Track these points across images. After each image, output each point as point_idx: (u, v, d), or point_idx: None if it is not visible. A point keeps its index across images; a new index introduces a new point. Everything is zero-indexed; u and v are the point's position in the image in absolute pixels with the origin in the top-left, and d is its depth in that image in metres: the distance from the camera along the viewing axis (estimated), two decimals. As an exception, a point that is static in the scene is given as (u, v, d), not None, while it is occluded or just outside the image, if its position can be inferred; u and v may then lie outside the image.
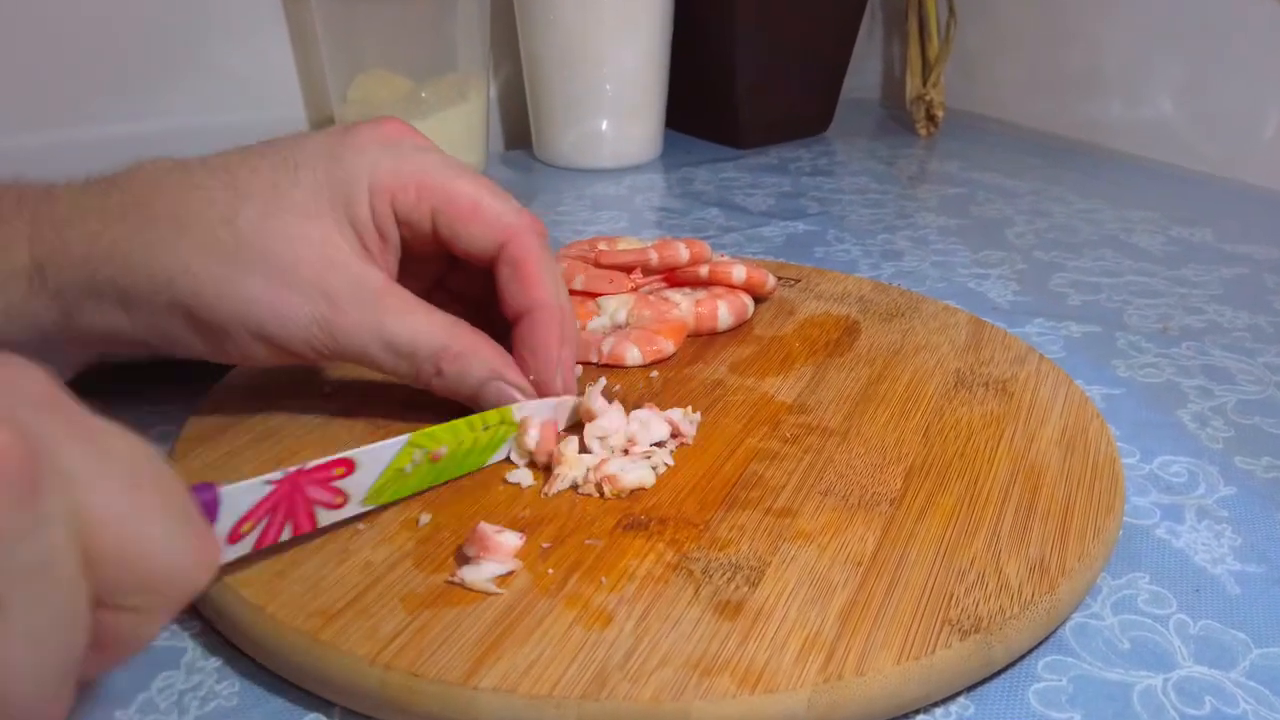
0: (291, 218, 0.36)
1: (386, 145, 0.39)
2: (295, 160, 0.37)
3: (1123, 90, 0.94)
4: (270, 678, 0.32)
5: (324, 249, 0.36)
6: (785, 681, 0.30)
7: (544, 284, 0.40)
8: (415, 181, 0.38)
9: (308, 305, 0.36)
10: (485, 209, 0.39)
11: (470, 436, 0.38)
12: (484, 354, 0.39)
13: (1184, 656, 0.34)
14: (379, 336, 0.37)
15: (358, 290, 0.37)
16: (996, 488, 0.39)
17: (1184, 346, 0.56)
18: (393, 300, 0.37)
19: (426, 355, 0.38)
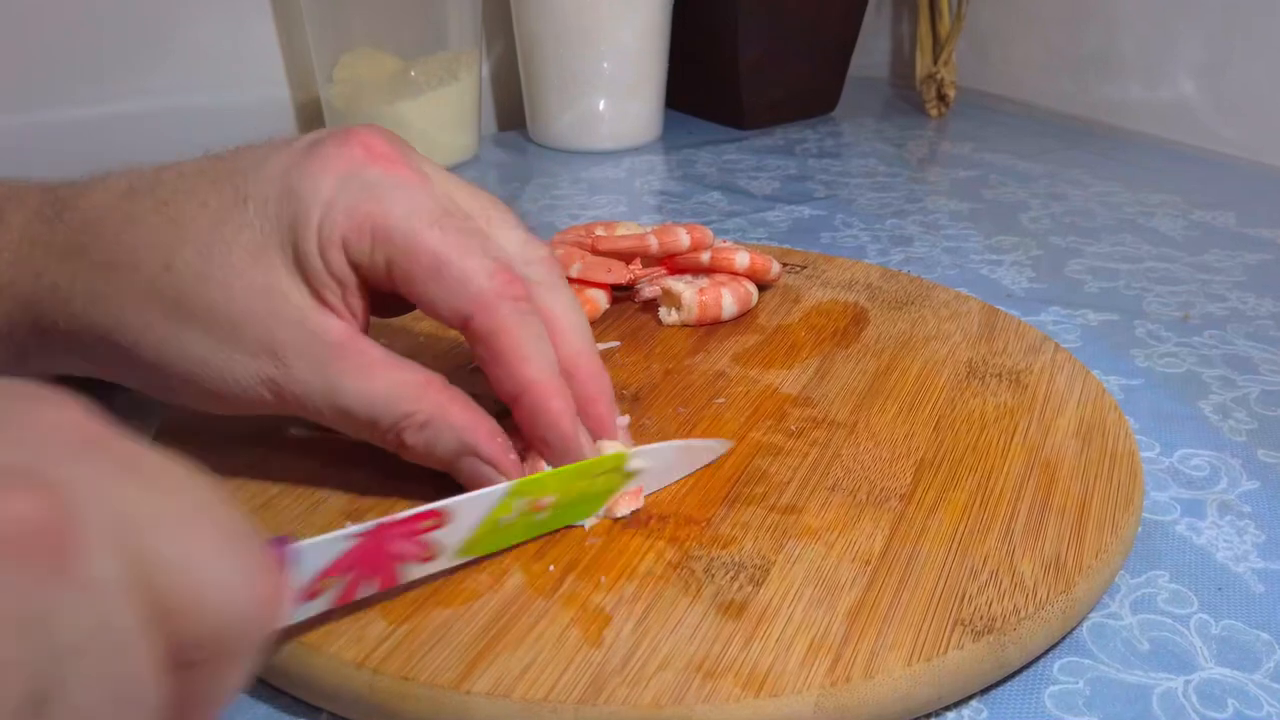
0: (235, 263, 0.33)
1: (347, 177, 0.34)
2: (245, 192, 0.33)
3: (1142, 69, 0.93)
4: (255, 682, 0.32)
5: (270, 300, 0.33)
6: (791, 684, 0.30)
7: (527, 361, 0.34)
8: (371, 226, 0.33)
9: (253, 364, 0.33)
10: (449, 271, 0.33)
11: (580, 484, 0.35)
12: (454, 421, 0.34)
13: (1205, 658, 0.34)
14: (331, 403, 0.33)
15: (308, 346, 0.33)
16: (1010, 482, 0.39)
17: (1205, 335, 0.56)
18: (350, 357, 0.33)
19: (388, 424, 0.34)
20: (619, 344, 0.50)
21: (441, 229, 0.34)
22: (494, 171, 0.86)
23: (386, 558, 0.31)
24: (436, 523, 0.32)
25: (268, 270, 0.33)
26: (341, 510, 0.37)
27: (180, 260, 0.33)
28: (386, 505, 0.37)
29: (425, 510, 0.31)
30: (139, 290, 0.33)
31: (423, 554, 0.32)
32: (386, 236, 0.33)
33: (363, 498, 0.38)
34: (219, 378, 0.33)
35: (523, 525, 0.34)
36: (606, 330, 0.51)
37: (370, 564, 0.30)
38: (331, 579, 0.30)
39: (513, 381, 0.35)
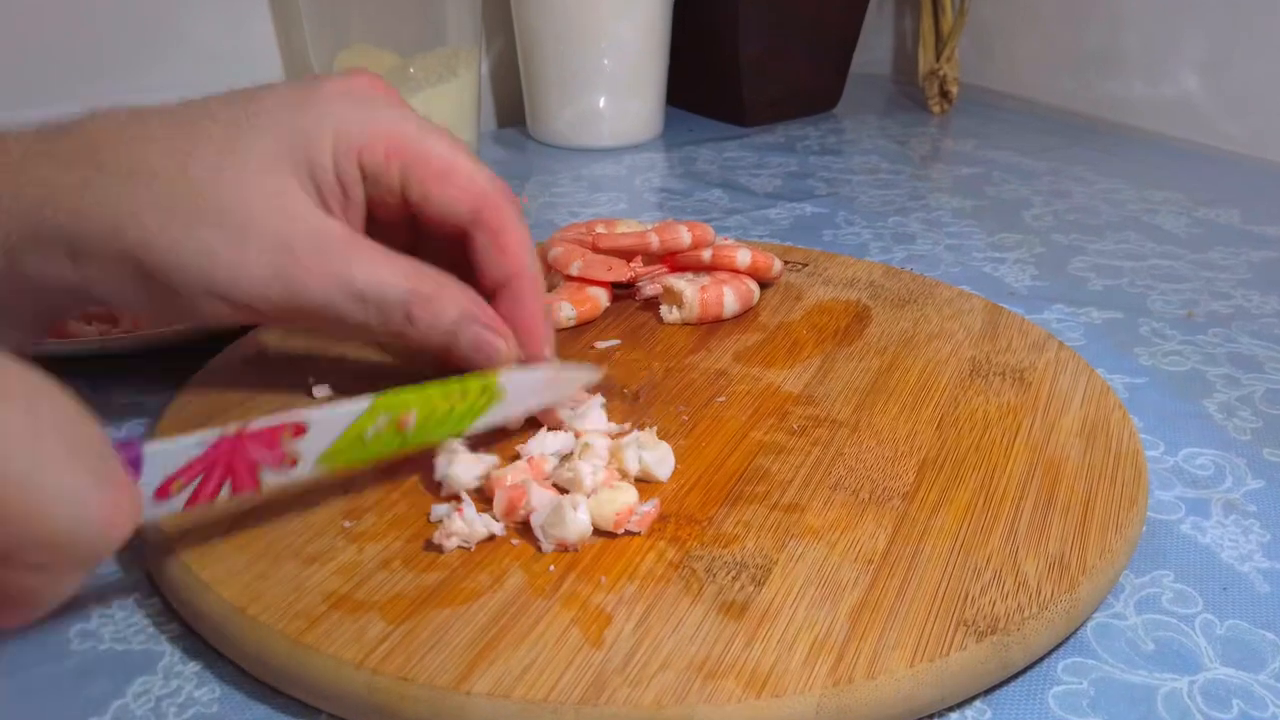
0: (249, 167, 0.35)
1: (356, 99, 0.38)
2: (255, 108, 0.36)
3: (1145, 65, 0.93)
4: (252, 683, 0.32)
5: (282, 200, 0.36)
6: (793, 685, 0.30)
7: (522, 254, 0.40)
8: (385, 138, 0.37)
9: (265, 256, 0.35)
10: (460, 171, 0.38)
11: (445, 404, 0.37)
12: (455, 295, 0.38)
13: (1210, 658, 0.34)
14: (343, 285, 0.36)
15: (318, 240, 0.36)
16: (1014, 482, 0.39)
17: (1210, 333, 0.56)
18: (356, 247, 0.37)
19: (396, 301, 0.37)
20: (619, 342, 0.50)
21: (446, 140, 0.39)
22: (493, 169, 0.85)
23: (246, 463, 0.32)
24: (296, 433, 0.33)
25: (280, 176, 0.36)
26: (340, 510, 0.37)
27: (196, 164, 0.35)
28: (383, 507, 0.37)
29: (284, 422, 0.33)
30: (154, 192, 0.34)
31: (282, 461, 0.33)
32: (400, 146, 0.37)
33: (360, 498, 0.38)
34: (230, 274, 0.35)
35: (390, 439, 0.36)
36: (607, 328, 0.51)
37: (226, 467, 0.32)
38: (183, 480, 0.31)
39: (508, 268, 0.39)
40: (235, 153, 0.35)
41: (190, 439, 0.31)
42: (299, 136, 0.36)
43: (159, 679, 0.32)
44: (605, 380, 0.42)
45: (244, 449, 0.32)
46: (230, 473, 0.32)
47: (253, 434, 0.32)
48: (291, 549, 0.35)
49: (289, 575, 0.34)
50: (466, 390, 0.38)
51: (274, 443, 0.33)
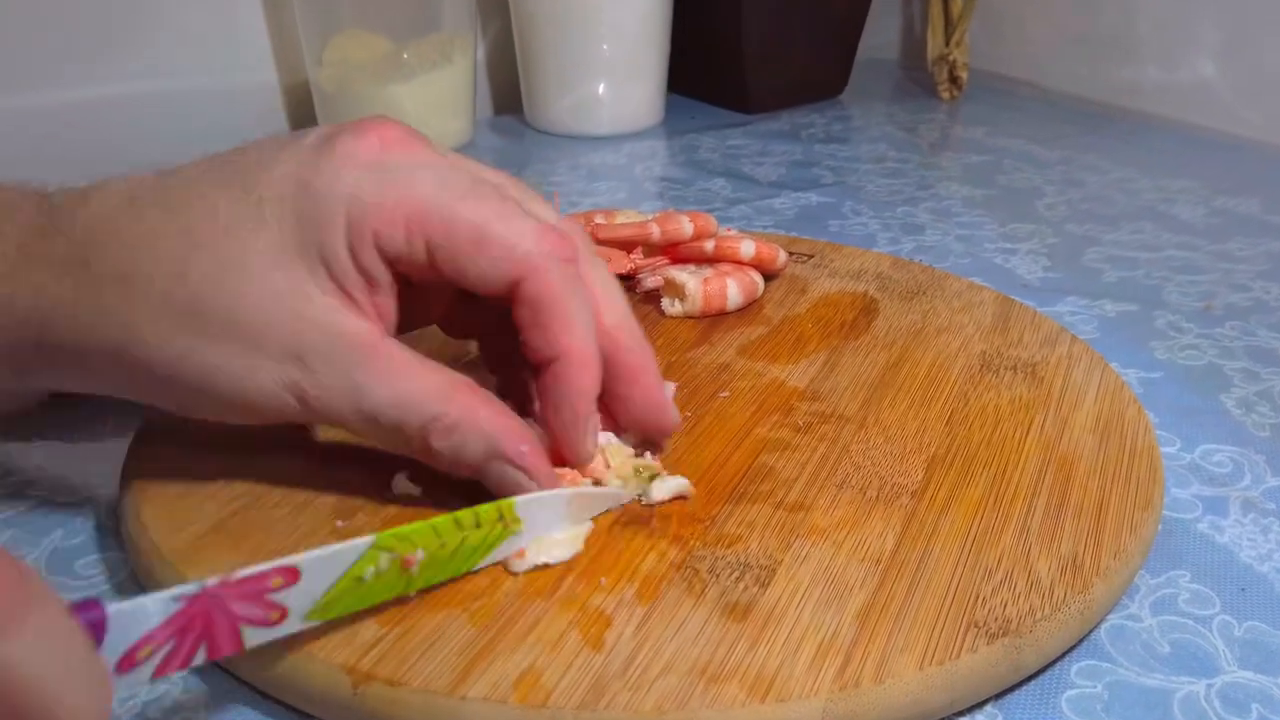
0: (254, 269, 0.32)
1: (368, 168, 0.33)
2: (258, 194, 0.33)
3: (1160, 50, 0.93)
4: (240, 687, 0.32)
5: (293, 302, 0.33)
6: (798, 689, 0.29)
7: (571, 328, 0.35)
8: (404, 214, 0.33)
9: (277, 370, 0.33)
10: (493, 239, 0.34)
11: (456, 537, 0.33)
12: (483, 425, 0.34)
13: (1229, 661, 0.34)
14: (356, 407, 0.33)
15: (333, 348, 0.33)
16: (1026, 479, 0.39)
17: (1228, 326, 0.56)
18: (377, 359, 0.33)
19: (415, 427, 0.34)
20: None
21: (476, 198, 0.34)
22: (489, 157, 0.86)
23: (227, 619, 0.28)
24: (285, 581, 0.29)
25: (289, 273, 0.33)
26: (331, 510, 0.37)
27: (195, 269, 0.32)
28: (375, 506, 0.37)
29: (273, 568, 0.29)
30: (152, 302, 0.32)
31: (268, 617, 0.29)
32: (422, 219, 0.33)
33: (352, 498, 0.38)
34: (241, 387, 0.33)
35: (394, 581, 0.32)
36: (606, 322, 0.51)
37: (204, 627, 0.28)
38: (152, 646, 0.27)
39: (552, 347, 0.35)
40: (237, 253, 0.33)
41: (162, 595, 0.27)
42: (308, 226, 0.33)
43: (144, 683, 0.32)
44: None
45: (223, 605, 0.28)
46: (207, 634, 0.28)
47: (234, 585, 0.28)
48: (281, 549, 0.35)
49: (279, 576, 0.34)
50: (480, 519, 0.33)
51: (260, 595, 0.29)
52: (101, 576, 0.37)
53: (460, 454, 0.34)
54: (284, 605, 0.29)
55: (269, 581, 0.29)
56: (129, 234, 0.33)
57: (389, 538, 0.31)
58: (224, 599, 0.28)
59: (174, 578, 0.34)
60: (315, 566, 0.29)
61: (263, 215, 0.33)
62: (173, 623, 0.27)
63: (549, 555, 0.34)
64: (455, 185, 0.34)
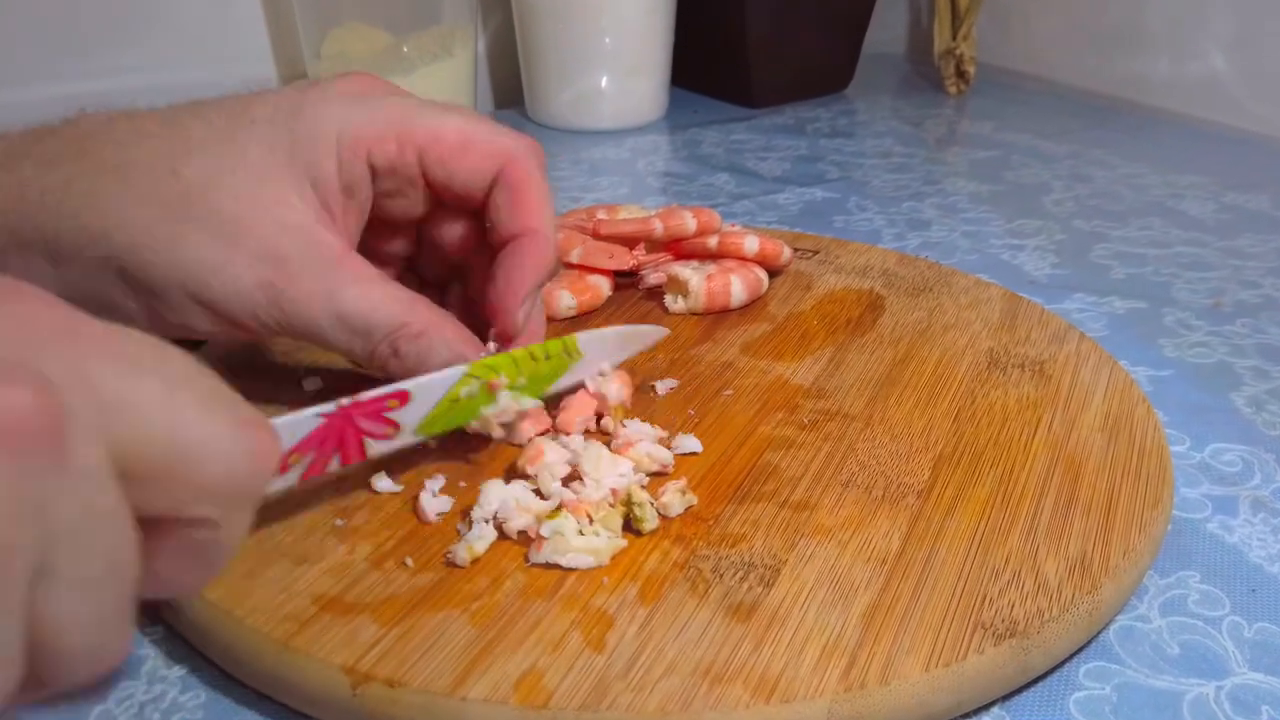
0: (244, 174, 0.36)
1: (354, 97, 0.38)
2: (252, 114, 0.37)
3: (1170, 43, 0.93)
4: (239, 688, 0.32)
5: (277, 210, 0.36)
6: (803, 690, 0.29)
7: (539, 211, 0.39)
8: (395, 129, 0.38)
9: (255, 268, 0.35)
10: (477, 139, 0.39)
11: (530, 367, 0.39)
12: (448, 334, 0.38)
13: (1238, 662, 0.34)
14: (331, 308, 0.36)
15: (311, 255, 0.36)
16: (1033, 479, 0.39)
17: (1238, 324, 0.55)
18: (349, 268, 0.37)
19: (383, 333, 0.37)
20: (622, 333, 0.50)
21: (459, 115, 0.39)
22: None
23: (354, 433, 0.34)
24: (399, 402, 0.35)
25: (276, 183, 0.36)
26: (330, 508, 0.37)
27: (188, 167, 0.35)
28: (375, 504, 0.37)
29: (390, 391, 0.34)
30: (143, 192, 0.35)
31: (386, 431, 0.35)
32: (410, 133, 0.38)
33: (349, 495, 0.38)
34: (217, 282, 0.35)
35: (481, 402, 0.37)
36: (609, 318, 0.51)
37: (338, 439, 0.34)
38: (298, 455, 0.32)
39: (521, 222, 0.39)
40: (231, 157, 0.35)
41: (306, 413, 0.32)
42: (299, 142, 0.36)
43: (142, 684, 0.32)
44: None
45: (352, 421, 0.34)
46: (340, 445, 0.34)
47: (360, 406, 0.34)
48: (280, 548, 0.35)
49: (277, 576, 0.34)
50: (549, 351, 0.39)
51: (379, 413, 0.35)
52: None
53: (425, 360, 0.37)
54: (398, 421, 0.35)
55: (386, 403, 0.35)
56: (127, 132, 0.36)
57: (478, 367, 0.37)
58: (353, 416, 0.34)
59: None
60: (422, 389, 0.35)
61: (254, 132, 0.36)
62: (314, 436, 0.33)
63: (567, 559, 0.34)
64: (435, 105, 0.39)
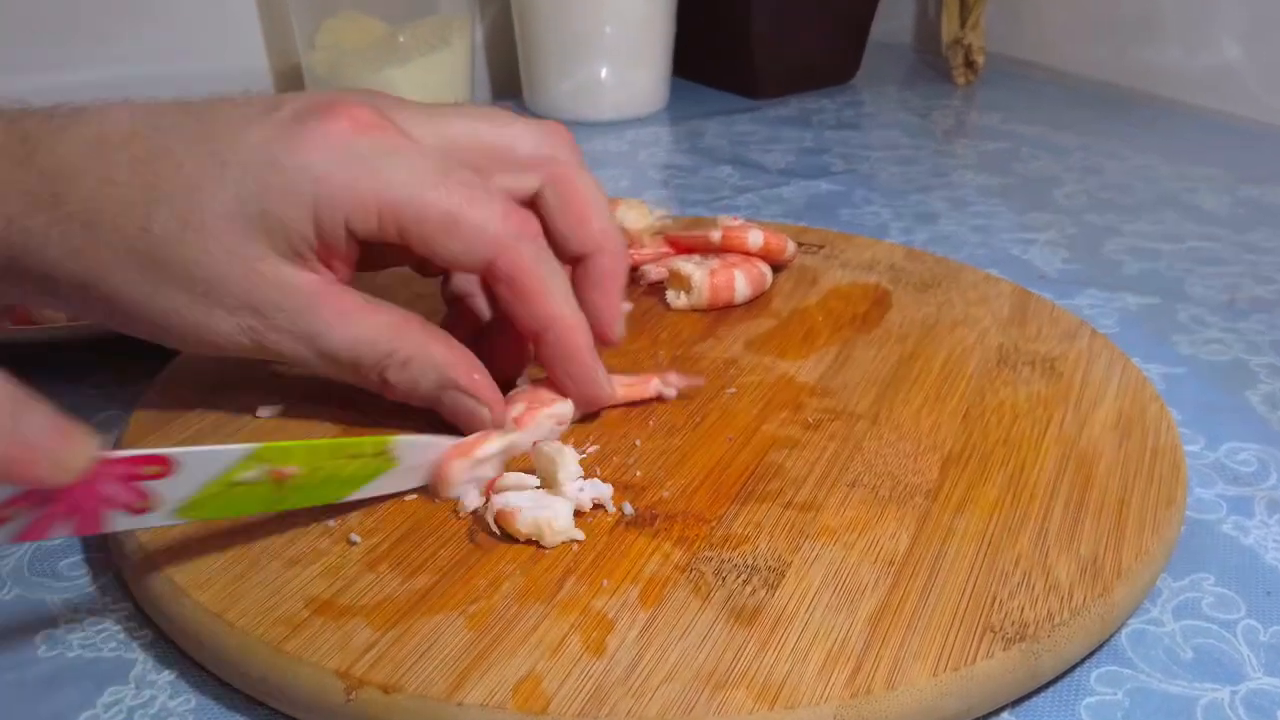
0: (211, 227, 0.35)
1: (336, 150, 0.36)
2: (224, 156, 0.35)
3: (1183, 32, 0.93)
4: (230, 693, 0.32)
5: (246, 262, 0.36)
6: (808, 696, 0.29)
7: (550, 297, 0.38)
8: (377, 203, 0.36)
9: (233, 319, 0.36)
10: (462, 225, 0.37)
11: (333, 463, 0.35)
12: (436, 359, 0.38)
13: (1254, 667, 0.33)
14: (314, 348, 0.37)
15: (287, 300, 0.36)
16: (1044, 479, 0.39)
17: (1253, 320, 0.55)
18: (329, 305, 0.37)
19: (370, 364, 0.37)
20: (622, 329, 0.49)
21: (446, 188, 0.37)
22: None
23: (94, 498, 0.30)
24: (161, 470, 0.31)
25: (247, 241, 0.35)
26: (323, 508, 0.37)
27: (157, 222, 0.35)
28: (370, 506, 0.37)
29: (150, 454, 0.30)
30: (117, 249, 0.35)
31: (137, 503, 0.31)
32: (394, 210, 0.36)
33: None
34: (200, 329, 0.36)
35: (265, 494, 0.33)
36: (609, 314, 0.51)
37: (71, 502, 0.29)
38: (19, 509, 0.28)
39: (538, 318, 0.38)
40: (197, 211, 0.35)
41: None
42: (273, 198, 0.35)
43: (130, 689, 0.32)
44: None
45: (94, 482, 0.29)
46: (74, 508, 0.29)
47: (107, 464, 0.29)
48: (272, 550, 0.35)
49: (269, 578, 0.34)
50: (360, 450, 0.36)
51: (130, 478, 0.30)
52: (86, 578, 0.37)
53: (415, 386, 0.38)
54: (154, 494, 0.31)
55: (142, 468, 0.30)
56: (97, 181, 0.35)
57: (269, 450, 0.33)
58: (95, 476, 0.29)
59: (163, 583, 0.34)
60: (192, 462, 0.31)
61: (224, 180, 0.35)
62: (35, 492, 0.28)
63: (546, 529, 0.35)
64: (425, 173, 0.37)
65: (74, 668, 0.33)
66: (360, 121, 0.36)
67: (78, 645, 0.34)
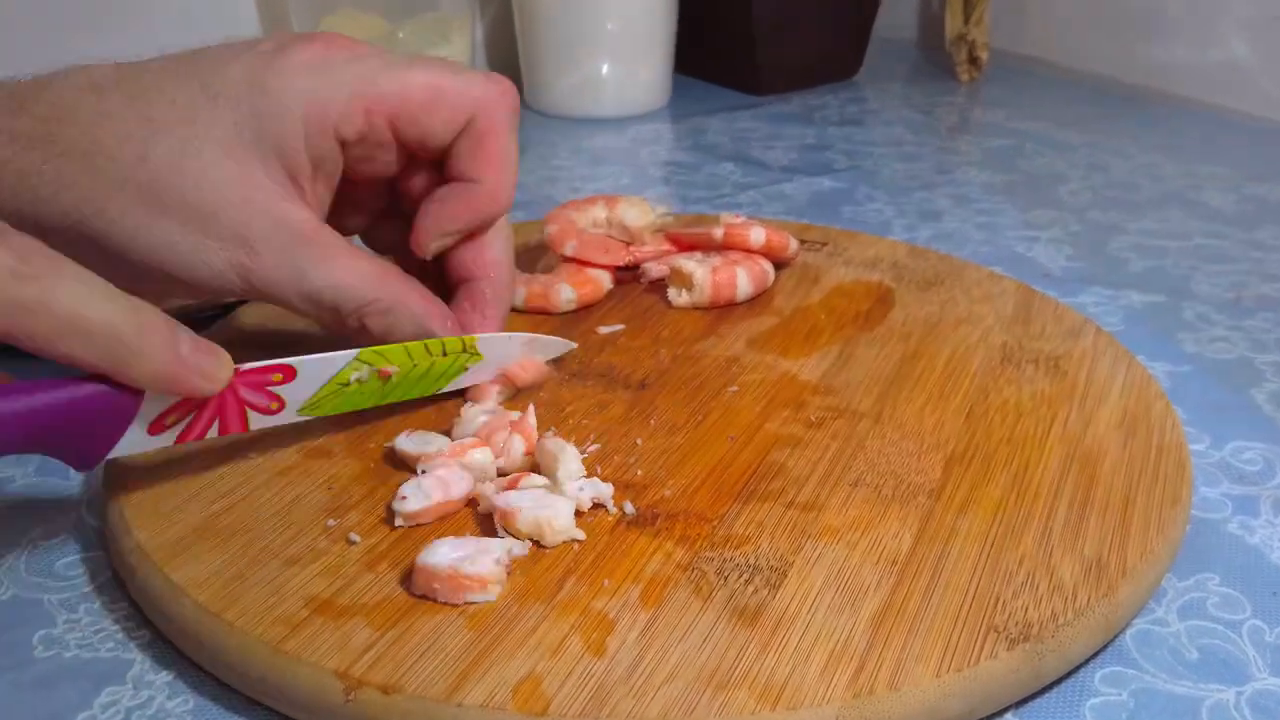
0: (209, 155, 0.37)
1: (317, 67, 0.38)
2: (214, 89, 0.37)
3: (1190, 28, 0.93)
4: (228, 694, 0.32)
5: (243, 189, 0.37)
6: (810, 697, 0.29)
7: (503, 160, 0.41)
8: (361, 100, 0.38)
9: (224, 251, 0.37)
10: (446, 91, 0.39)
11: (426, 361, 0.40)
12: (414, 307, 0.40)
13: (1259, 667, 0.33)
14: (299, 288, 0.38)
15: (278, 234, 0.37)
16: (1048, 478, 0.39)
17: (1259, 318, 0.55)
18: (317, 246, 0.38)
19: (350, 308, 0.39)
20: (623, 327, 0.49)
21: (423, 65, 0.40)
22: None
23: (236, 402, 0.36)
24: (284, 377, 0.36)
25: (241, 161, 0.37)
26: (321, 508, 0.37)
27: (155, 152, 0.36)
28: (369, 505, 0.37)
29: (274, 364, 0.36)
30: (113, 179, 0.36)
31: (269, 405, 0.37)
32: (378, 99, 0.38)
33: (343, 493, 0.38)
34: (190, 263, 0.37)
35: (372, 390, 0.39)
36: (610, 312, 0.51)
37: (217, 406, 0.35)
38: (177, 416, 0.34)
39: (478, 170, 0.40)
40: (194, 140, 0.37)
41: None
42: (264, 120, 0.37)
43: (128, 689, 0.32)
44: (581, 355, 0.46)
45: (234, 389, 0.35)
46: (220, 412, 0.35)
47: (243, 375, 0.35)
48: (271, 549, 0.35)
49: (268, 578, 0.34)
50: (447, 348, 0.41)
51: (263, 385, 0.36)
52: (83, 577, 0.37)
53: (392, 332, 0.40)
54: (282, 397, 0.37)
55: (270, 375, 0.36)
56: (92, 113, 0.36)
57: (369, 353, 0.38)
58: (235, 384, 0.35)
59: (159, 578, 0.34)
60: (308, 368, 0.37)
61: (218, 110, 0.37)
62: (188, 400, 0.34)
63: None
64: (399, 61, 0.39)
65: (71, 668, 0.33)
66: (334, 43, 0.39)
67: (75, 645, 0.34)
